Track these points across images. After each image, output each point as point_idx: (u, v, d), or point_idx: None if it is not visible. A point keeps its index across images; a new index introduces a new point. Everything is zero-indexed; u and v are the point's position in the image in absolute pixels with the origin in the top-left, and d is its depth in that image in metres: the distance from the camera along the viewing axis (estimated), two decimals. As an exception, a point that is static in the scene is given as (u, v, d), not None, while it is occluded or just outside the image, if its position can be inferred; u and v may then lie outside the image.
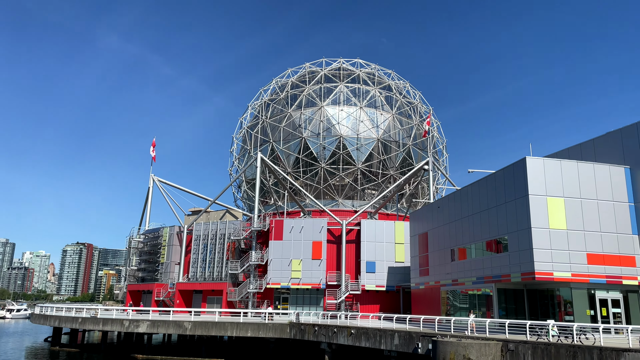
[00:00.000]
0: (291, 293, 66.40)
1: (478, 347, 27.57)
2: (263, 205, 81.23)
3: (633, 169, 37.30)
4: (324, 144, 75.37)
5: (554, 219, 35.10)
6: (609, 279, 35.09)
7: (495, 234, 39.58)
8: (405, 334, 35.89)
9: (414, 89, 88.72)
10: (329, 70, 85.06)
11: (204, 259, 72.12)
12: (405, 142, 78.51)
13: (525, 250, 35.03)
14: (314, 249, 65.13)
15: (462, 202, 45.94)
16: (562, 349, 25.51)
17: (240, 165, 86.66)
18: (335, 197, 76.45)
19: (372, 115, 77.64)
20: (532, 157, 36.43)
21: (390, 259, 64.95)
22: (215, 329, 49.98)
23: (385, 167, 76.72)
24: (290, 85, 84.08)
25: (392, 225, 66.51)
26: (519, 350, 27.65)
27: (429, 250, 52.43)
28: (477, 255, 42.58)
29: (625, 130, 38.40)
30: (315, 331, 45.42)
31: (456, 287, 46.10)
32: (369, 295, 64.44)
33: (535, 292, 38.44)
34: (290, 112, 78.83)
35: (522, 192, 35.99)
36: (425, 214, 55.19)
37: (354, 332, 40.96)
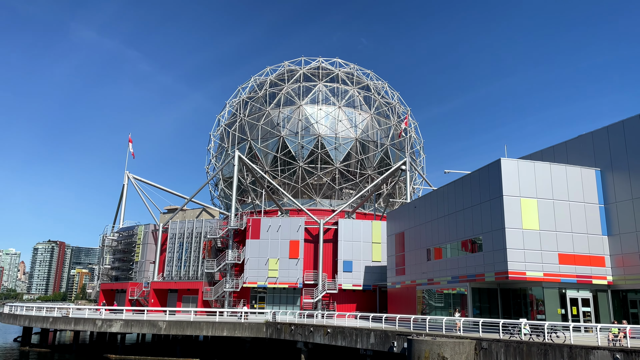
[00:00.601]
0: (268, 292, 66.12)
1: (452, 346, 27.89)
2: (240, 203, 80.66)
3: (604, 171, 38.27)
4: (302, 143, 75.25)
5: (527, 220, 35.78)
6: (579, 278, 35.95)
7: (470, 234, 40.13)
8: (381, 333, 36.09)
9: (392, 90, 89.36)
10: (308, 69, 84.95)
11: (179, 257, 71.22)
12: (383, 142, 78.99)
13: (499, 250, 35.60)
14: (291, 248, 65.00)
15: (438, 202, 46.44)
16: (533, 347, 26.01)
17: (217, 164, 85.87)
18: (313, 196, 76.43)
19: (351, 115, 77.87)
20: (507, 159, 37.04)
21: (367, 258, 65.28)
22: (191, 328, 49.41)
23: (363, 166, 77.04)
24: (269, 84, 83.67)
25: (369, 224, 66.84)
26: (492, 348, 28.08)
27: (406, 249, 52.87)
28: (453, 255, 43.11)
29: (596, 133, 39.39)
30: (292, 330, 45.31)
31: (432, 287, 46.60)
32: (346, 294, 64.63)
33: (508, 291, 39.12)
34: (268, 111, 78.45)
35: (496, 193, 36.56)
36: (402, 213, 55.63)
37: (330, 331, 41.00)
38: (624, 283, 35.93)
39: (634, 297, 35.98)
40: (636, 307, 35.73)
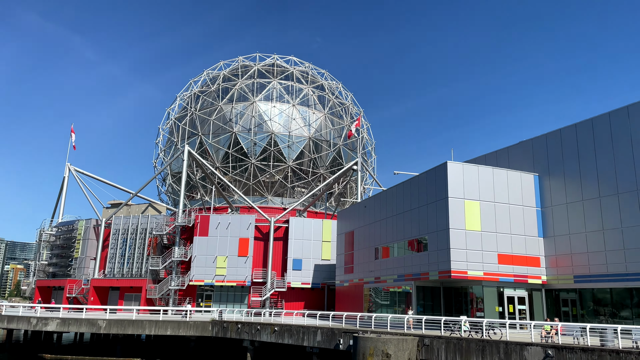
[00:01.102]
0: (215, 290, 65.09)
1: (396, 343, 28.53)
2: (189, 200, 78.93)
3: (541, 176, 40.34)
4: (254, 140, 74.58)
5: (470, 221, 37.14)
6: (516, 277, 37.72)
7: (417, 233, 41.20)
8: (328, 331, 36.39)
9: (346, 90, 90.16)
10: (262, 65, 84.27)
11: (122, 254, 68.79)
12: (336, 142, 79.59)
13: (443, 250, 36.76)
14: (241, 245, 64.29)
15: (387, 202, 47.36)
16: (472, 344, 27.04)
17: (165, 158, 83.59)
18: (264, 194, 75.94)
19: (305, 113, 77.95)
20: (453, 162, 38.29)
21: (317, 256, 65.60)
22: (132, 327, 47.86)
23: (315, 165, 77.34)
24: (222, 78, 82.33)
25: (320, 223, 67.20)
26: (434, 345, 28.97)
27: (355, 248, 53.57)
28: (400, 254, 44.11)
29: (535, 140, 41.45)
30: (238, 329, 44.86)
31: (379, 285, 47.47)
32: (295, 292, 64.68)
33: (450, 289, 40.48)
34: (221, 106, 77.19)
35: (442, 195, 37.72)
36: (353, 213, 56.33)
37: (277, 329, 40.91)
38: (557, 282, 38.03)
39: (565, 296, 38.16)
40: (567, 306, 37.92)
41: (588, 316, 35.91)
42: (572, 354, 22.94)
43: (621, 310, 34.20)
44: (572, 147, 38.09)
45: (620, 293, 34.39)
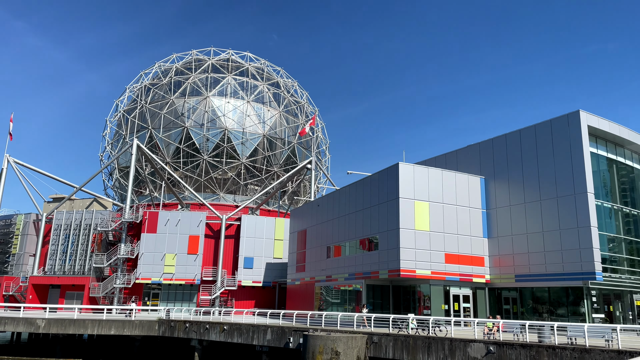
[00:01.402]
0: (163, 289, 63.46)
1: (345, 340, 28.83)
2: (137, 195, 76.50)
3: (487, 179, 41.93)
4: (207, 136, 73.20)
5: (419, 221, 38.10)
6: (462, 276, 39.04)
7: (368, 233, 41.81)
8: (278, 329, 36.29)
9: (301, 89, 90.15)
10: (217, 60, 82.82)
11: (64, 251, 65.75)
12: (290, 140, 79.43)
13: (393, 249, 37.50)
14: (191, 243, 62.99)
15: (340, 201, 47.78)
16: (418, 341, 27.74)
17: (113, 151, 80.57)
18: (216, 191, 74.73)
19: (259, 110, 77.29)
20: (404, 164, 39.12)
21: (269, 255, 65.26)
22: (74, 326, 45.84)
23: (269, 163, 76.87)
24: (175, 72, 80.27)
25: (272, 221, 66.89)
26: (382, 342, 29.49)
27: (307, 247, 53.71)
28: (351, 253, 44.61)
29: (483, 144, 43.04)
30: (186, 328, 43.94)
31: (330, 283, 47.81)
32: (245, 290, 64.10)
33: (399, 288, 41.37)
34: (172, 99, 75.24)
35: (393, 195, 38.46)
36: (306, 211, 56.44)
37: (226, 328, 40.38)
38: (500, 281, 39.68)
39: (507, 295, 39.87)
40: (509, 304, 39.63)
41: (528, 314, 37.69)
42: (512, 350, 23.98)
43: (558, 308, 36.12)
44: (516, 152, 39.83)
45: (557, 292, 36.31)
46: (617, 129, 38.68)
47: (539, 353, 22.94)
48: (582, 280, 33.90)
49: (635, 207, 40.65)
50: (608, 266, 35.58)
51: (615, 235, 37.67)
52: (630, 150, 41.53)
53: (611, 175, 39.38)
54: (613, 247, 37.36)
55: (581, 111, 35.85)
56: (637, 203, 40.98)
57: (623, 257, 37.84)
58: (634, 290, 37.53)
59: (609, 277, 35.15)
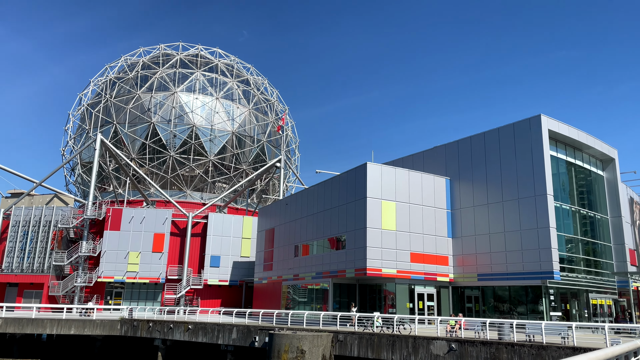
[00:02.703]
0: (126, 287, 62.04)
1: (311, 339, 28.91)
2: (100, 191, 74.52)
3: (452, 180, 42.79)
4: (174, 132, 71.94)
5: (386, 221, 38.55)
6: (426, 275, 39.72)
7: (336, 232, 42.02)
8: (244, 328, 36.06)
9: (271, 87, 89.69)
10: (185, 55, 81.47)
11: (22, 248, 63.39)
12: (259, 138, 78.93)
13: (360, 248, 37.82)
14: (156, 241, 61.80)
15: (308, 200, 47.83)
16: (383, 339, 28.08)
17: (75, 146, 78.16)
18: (183, 188, 73.56)
19: (228, 107, 76.48)
20: (372, 164, 39.50)
21: (236, 253, 64.71)
22: (32, 326, 44.29)
23: (238, 161, 76.18)
24: (142, 66, 78.52)
25: (240, 219, 66.36)
26: (347, 340, 29.72)
27: (275, 245, 53.54)
28: (319, 252, 44.74)
29: (448, 146, 43.90)
30: (150, 327, 43.13)
31: (297, 282, 47.81)
32: (211, 289, 63.38)
33: (366, 286, 41.75)
34: (139, 94, 73.60)
35: (361, 195, 38.77)
36: (274, 210, 56.25)
37: (191, 328, 39.85)
38: (463, 280, 40.57)
39: (469, 293, 40.81)
40: (471, 302, 40.57)
41: (489, 312, 38.68)
42: (473, 347, 24.57)
43: (518, 306, 37.21)
44: (481, 154, 40.79)
45: (517, 290, 37.41)
46: (576, 134, 40.12)
47: (498, 350, 23.59)
48: (540, 280, 35.02)
49: (592, 209, 42.28)
50: (566, 266, 36.88)
51: (572, 236, 39.09)
52: (588, 154, 43.16)
53: (570, 178, 40.83)
54: (571, 247, 38.76)
55: (542, 115, 37.01)
56: (593, 205, 42.64)
57: (580, 257, 39.31)
58: (589, 289, 39.03)
59: (566, 276, 36.44)
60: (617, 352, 10.08)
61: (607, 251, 42.69)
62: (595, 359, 7.81)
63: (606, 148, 43.57)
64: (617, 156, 44.69)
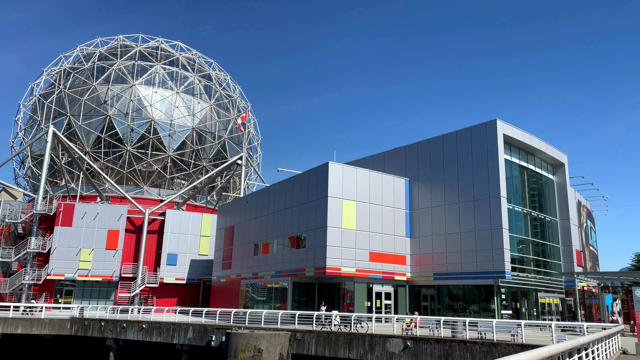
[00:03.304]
0: (77, 285, 59.86)
1: (268, 338, 28.78)
2: (51, 186, 71.56)
3: (412, 181, 43.60)
4: (132, 126, 69.92)
5: (347, 220, 38.86)
6: (384, 274, 40.31)
7: (297, 230, 42.00)
8: (200, 327, 35.50)
9: (234, 83, 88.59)
10: (145, 47, 79.26)
11: (-35, 244, 60.05)
12: (221, 135, 77.82)
13: (320, 247, 37.96)
14: (110, 238, 59.93)
15: (270, 198, 47.58)
16: (340, 337, 28.30)
17: (26, 138, 74.71)
18: (140, 184, 71.61)
19: (189, 102, 75.00)
20: (334, 163, 39.71)
21: (194, 251, 63.61)
22: (-27, 327, 42.01)
23: (198, 157, 74.84)
24: (98, 57, 75.87)
25: (199, 217, 65.27)
26: (305, 339, 29.76)
27: (234, 244, 52.97)
28: (279, 250, 44.59)
29: (408, 147, 44.69)
30: (102, 327, 41.80)
31: (256, 281, 47.49)
32: (168, 288, 62.04)
33: (325, 285, 41.95)
34: (95, 86, 71.10)
35: (322, 194, 38.92)
36: (234, 208, 55.64)
37: (145, 327, 38.88)
38: (419, 279, 41.42)
39: (425, 292, 41.71)
40: (427, 301, 41.48)
41: (444, 310, 39.66)
42: (427, 344, 25.13)
43: (471, 305, 38.34)
44: (439, 156, 41.75)
45: (471, 289, 38.53)
46: (529, 139, 41.70)
47: (451, 347, 24.23)
48: (493, 279, 36.21)
49: (542, 211, 44.08)
50: (517, 266, 38.29)
51: (523, 237, 40.63)
52: (540, 158, 44.94)
53: (522, 181, 42.41)
54: (522, 248, 40.27)
55: (498, 120, 38.26)
56: (544, 208, 44.46)
57: (530, 257, 40.90)
58: (538, 288, 40.67)
59: (517, 276, 37.83)
60: (561, 349, 10.54)
61: (555, 252, 44.61)
62: (540, 355, 8.14)
63: (557, 153, 45.49)
64: (566, 161, 46.76)
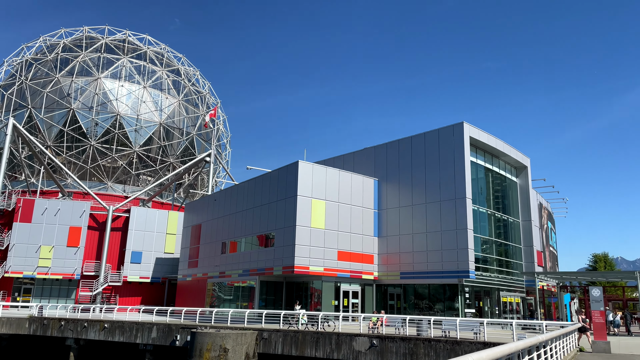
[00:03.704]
0: (36, 284, 57.84)
1: (235, 337, 28.52)
2: (10, 180, 68.88)
3: (380, 181, 44.03)
4: (97, 120, 68.00)
5: (316, 219, 38.91)
6: (352, 273, 40.58)
7: (265, 229, 41.78)
8: (165, 327, 34.87)
9: (204, 79, 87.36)
10: (111, 39, 77.22)
11: None
12: (189, 131, 76.60)
13: (289, 246, 37.88)
14: (71, 235, 58.15)
15: (238, 197, 47.14)
16: (307, 336, 28.32)
17: (-17, 130, 71.65)
18: (104, 180, 69.75)
19: (157, 97, 73.49)
20: (304, 162, 39.69)
21: (159, 249, 62.40)
22: None
23: (165, 153, 73.45)
24: (62, 48, 73.46)
25: (165, 214, 64.07)
26: (272, 338, 29.65)
27: (201, 242, 52.26)
28: (247, 249, 44.25)
29: (378, 148, 45.11)
30: (62, 326, 40.53)
31: (223, 279, 47.00)
32: (132, 287, 60.67)
33: (292, 284, 41.90)
34: (58, 78, 68.81)
35: (292, 192, 38.84)
36: (202, 205, 54.88)
37: (107, 326, 37.92)
38: (386, 278, 41.88)
39: (392, 291, 42.22)
40: (394, 299, 41.99)
41: (410, 309, 40.23)
42: (393, 343, 25.43)
43: (436, 304, 39.03)
44: (407, 157, 42.31)
45: (436, 288, 39.23)
46: (494, 141, 42.75)
47: (416, 345, 24.60)
48: (457, 278, 36.96)
49: (506, 212, 45.28)
50: (480, 265, 39.21)
51: (487, 237, 41.64)
52: (504, 161, 46.14)
53: (487, 183, 43.45)
54: (485, 248, 41.27)
55: (465, 123, 39.06)
56: (507, 209, 45.67)
57: (493, 257, 41.96)
58: (501, 287, 41.76)
59: (480, 275, 38.75)
60: (521, 347, 10.85)
61: (517, 252, 45.91)
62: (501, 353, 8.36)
63: (520, 156, 46.80)
64: (529, 164, 48.18)
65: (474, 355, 6.96)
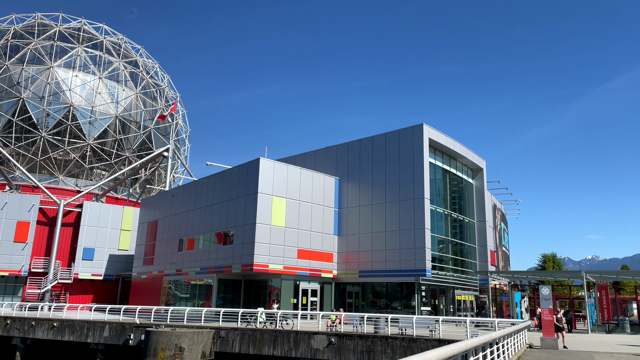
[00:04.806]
0: (-21, 281, 54.82)
1: (191, 336, 28.02)
2: (-48, 171, 64.92)
3: (341, 180, 44.30)
4: (48, 110, 65.09)
5: (276, 217, 38.72)
6: (311, 272, 40.65)
7: (224, 226, 41.21)
8: (117, 325, 33.85)
9: (163, 72, 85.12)
10: (66, 27, 74.06)
11: None
12: (147, 125, 74.53)
13: (248, 244, 37.53)
14: (19, 230, 55.44)
15: (197, 193, 46.29)
16: (265, 334, 28.17)
17: None
18: (55, 173, 66.89)
19: (113, 89, 71.08)
20: (265, 159, 39.41)
21: (113, 246, 60.44)
22: None
23: (120, 147, 71.16)
24: (12, 34, 69.88)
25: (120, 210, 62.11)
26: (229, 337, 29.31)
27: (157, 239, 51.01)
28: (205, 247, 43.52)
29: (339, 147, 45.36)
30: (7, 325, 38.65)
31: (180, 277, 46.06)
32: (83, 284, 58.51)
33: (251, 282, 41.55)
34: (7, 65, 65.42)
35: (252, 190, 38.49)
36: (159, 201, 53.57)
37: (56, 325, 36.43)
38: (345, 277, 42.20)
39: (351, 289, 42.58)
40: (352, 297, 42.36)
41: (368, 307, 40.70)
42: (350, 340, 25.66)
43: (393, 302, 39.65)
44: (368, 157, 42.76)
45: (394, 287, 39.85)
46: (452, 143, 43.83)
47: (373, 343, 24.92)
48: (414, 277, 37.68)
49: (462, 213, 46.52)
50: (437, 264, 40.13)
51: (444, 237, 42.66)
52: (461, 163, 47.39)
53: (445, 184, 44.50)
54: (442, 247, 42.27)
55: (424, 125, 39.84)
56: (463, 210, 46.94)
57: (449, 256, 43.04)
58: (455, 286, 42.89)
59: (437, 274, 39.66)
60: (475, 344, 11.16)
61: (471, 252, 47.28)
62: (457, 349, 8.55)
63: (476, 158, 48.19)
64: (485, 166, 49.69)
65: (432, 352, 7.09)
